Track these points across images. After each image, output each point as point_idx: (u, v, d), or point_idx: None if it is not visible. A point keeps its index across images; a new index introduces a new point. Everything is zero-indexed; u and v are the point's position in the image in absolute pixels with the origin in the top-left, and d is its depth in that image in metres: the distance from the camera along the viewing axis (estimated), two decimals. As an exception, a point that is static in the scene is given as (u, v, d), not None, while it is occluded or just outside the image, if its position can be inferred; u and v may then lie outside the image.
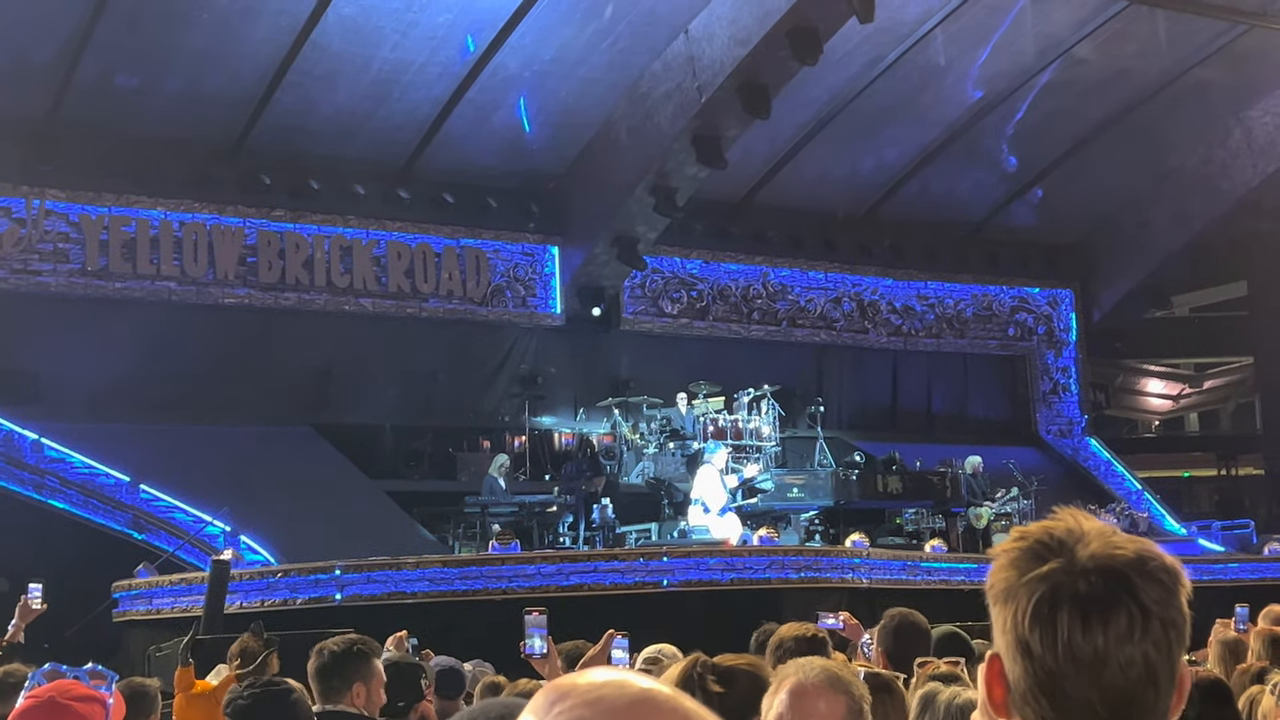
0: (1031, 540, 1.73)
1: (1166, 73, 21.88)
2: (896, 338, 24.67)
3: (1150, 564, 1.69)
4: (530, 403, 20.22)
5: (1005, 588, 1.72)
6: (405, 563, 13.47)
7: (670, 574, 13.73)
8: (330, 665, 5.01)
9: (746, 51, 17.54)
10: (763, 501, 18.29)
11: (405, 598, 13.12)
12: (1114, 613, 1.66)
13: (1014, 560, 1.73)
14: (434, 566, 13.47)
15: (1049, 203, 24.56)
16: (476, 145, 20.14)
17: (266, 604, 13.10)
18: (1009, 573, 1.72)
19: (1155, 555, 1.71)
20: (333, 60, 18.38)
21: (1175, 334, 28.87)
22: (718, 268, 23.12)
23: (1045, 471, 23.83)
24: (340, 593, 13.17)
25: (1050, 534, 1.73)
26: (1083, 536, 1.71)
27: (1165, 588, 1.69)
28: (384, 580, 13.18)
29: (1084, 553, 1.69)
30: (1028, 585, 1.69)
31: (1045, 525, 1.75)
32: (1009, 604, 1.71)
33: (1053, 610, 1.67)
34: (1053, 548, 1.71)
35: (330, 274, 19.88)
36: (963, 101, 22.00)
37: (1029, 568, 1.71)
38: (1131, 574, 1.68)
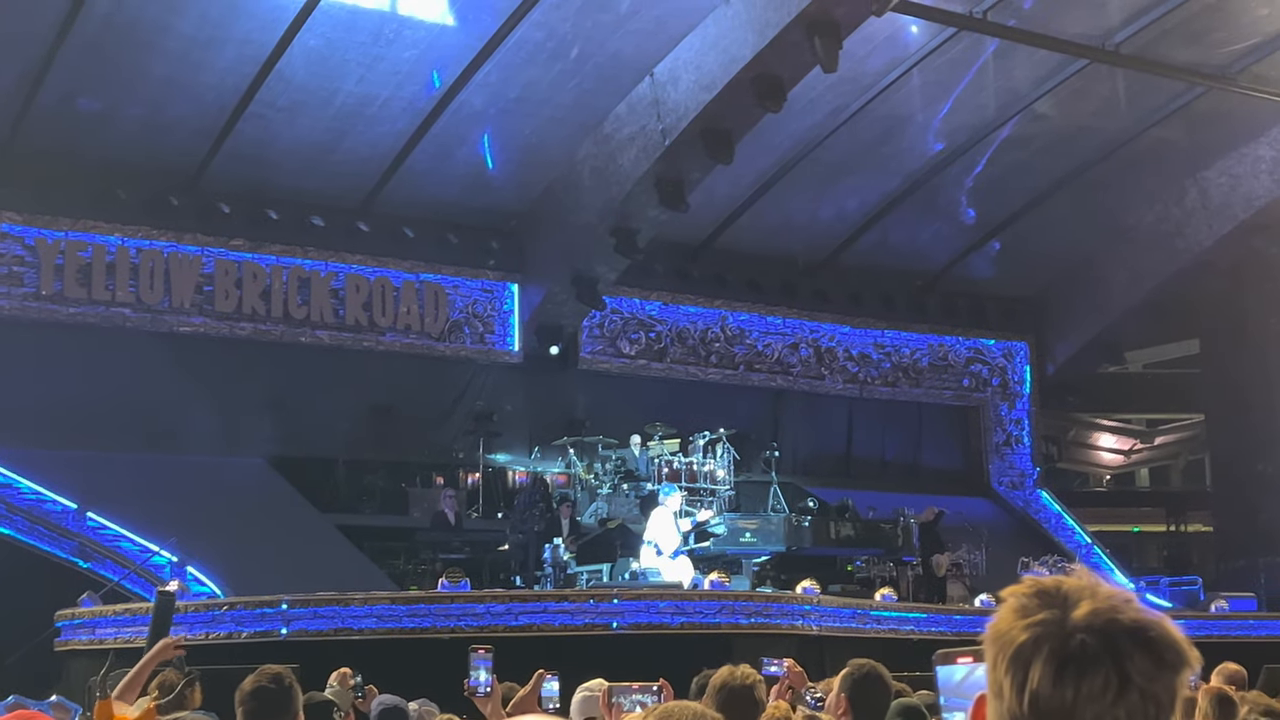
0: (1037, 589, 1.72)
1: (1125, 131, 22.14)
2: (852, 385, 24.76)
3: (1149, 634, 1.66)
4: (485, 440, 20.14)
5: (998, 631, 1.72)
6: (353, 599, 13.34)
7: (620, 616, 13.65)
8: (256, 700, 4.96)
9: (711, 96, 17.63)
10: (715, 545, 18.27)
11: (352, 634, 12.99)
12: (1090, 672, 1.64)
13: (1016, 607, 1.72)
14: (382, 603, 13.36)
15: (1006, 255, 24.76)
16: (438, 180, 20.14)
17: (211, 637, 12.94)
18: (1008, 617, 1.72)
19: (1159, 627, 1.67)
20: (297, 92, 18.35)
21: (1128, 389, 29.10)
22: (677, 310, 23.17)
23: (997, 522, 23.96)
24: (286, 627, 13.02)
25: (1059, 586, 1.71)
26: (1090, 595, 1.69)
27: (1160, 662, 1.65)
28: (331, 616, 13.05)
29: (1082, 610, 1.67)
30: (1016, 630, 1.69)
31: (1058, 578, 1.73)
32: (995, 647, 1.71)
33: (1030, 657, 1.66)
34: (1054, 599, 1.70)
35: (287, 305, 19.79)
36: (924, 153, 22.19)
37: (1026, 615, 1.70)
38: (1123, 640, 1.65)
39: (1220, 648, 14.19)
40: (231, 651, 12.19)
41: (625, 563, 17.47)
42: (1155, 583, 22.43)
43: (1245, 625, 18.69)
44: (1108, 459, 30.75)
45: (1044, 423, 26.60)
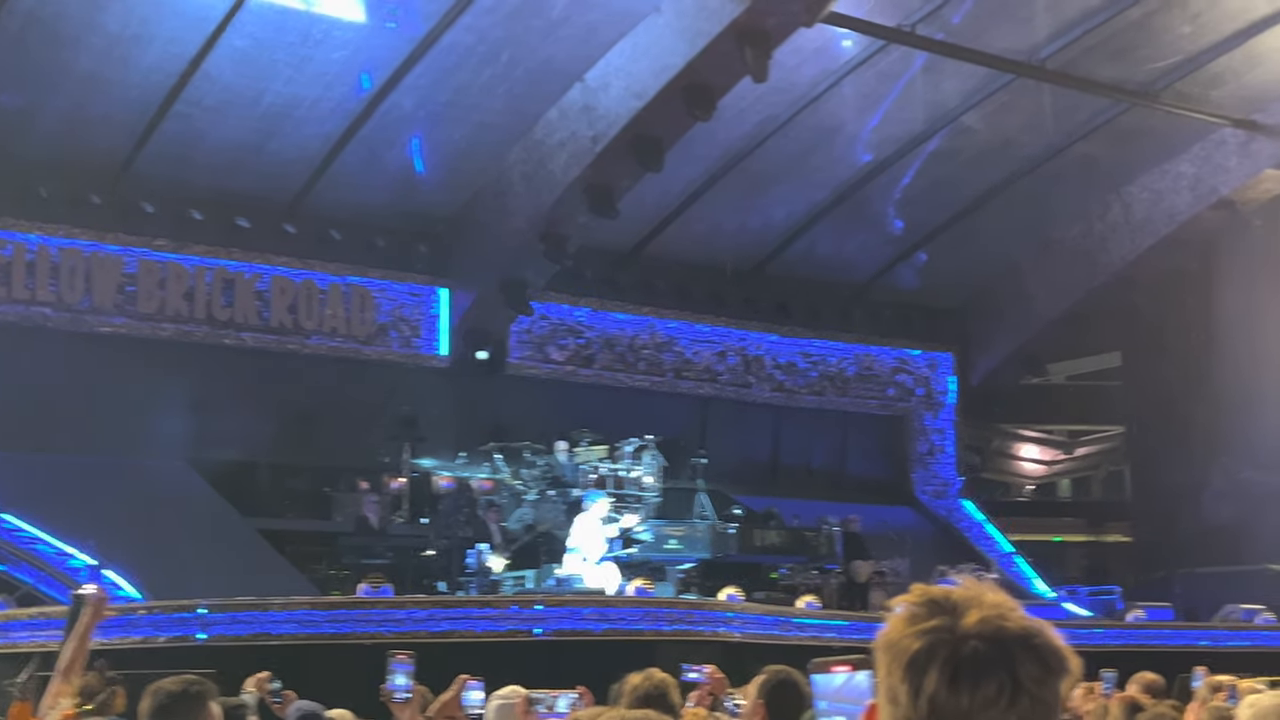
0: (928, 598, 1.77)
1: (1050, 146, 22.42)
2: (779, 394, 24.87)
3: (1035, 640, 1.71)
4: (410, 444, 20.02)
5: (892, 639, 1.76)
6: (272, 603, 13.21)
7: (544, 623, 13.62)
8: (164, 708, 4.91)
9: (642, 104, 17.68)
10: (640, 552, 18.27)
11: (271, 639, 12.85)
12: (984, 679, 1.68)
13: (909, 615, 1.76)
14: (302, 608, 13.23)
15: (932, 267, 25.00)
16: (367, 183, 20.02)
17: (127, 641, 12.76)
18: (901, 625, 1.76)
19: (1043, 634, 1.73)
20: (223, 91, 18.17)
21: (1050, 401, 29.43)
22: (606, 317, 23.17)
23: (920, 531, 24.17)
24: (204, 632, 12.87)
25: (949, 595, 1.76)
26: (977, 604, 1.74)
27: (1046, 668, 1.71)
28: (250, 621, 12.90)
29: (973, 618, 1.72)
30: (910, 638, 1.73)
31: (947, 588, 1.79)
32: (889, 653, 1.75)
33: (926, 664, 1.70)
34: (945, 608, 1.74)
35: (211, 307, 19.58)
36: (852, 164, 22.35)
37: (919, 623, 1.74)
38: (1014, 647, 1.70)
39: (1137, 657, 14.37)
40: (148, 656, 12.03)
41: (550, 569, 17.44)
42: (1075, 592, 22.70)
43: (1161, 635, 18.93)
44: (1030, 469, 31.09)
45: (967, 433, 26.86)
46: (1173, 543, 24.51)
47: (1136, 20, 19.63)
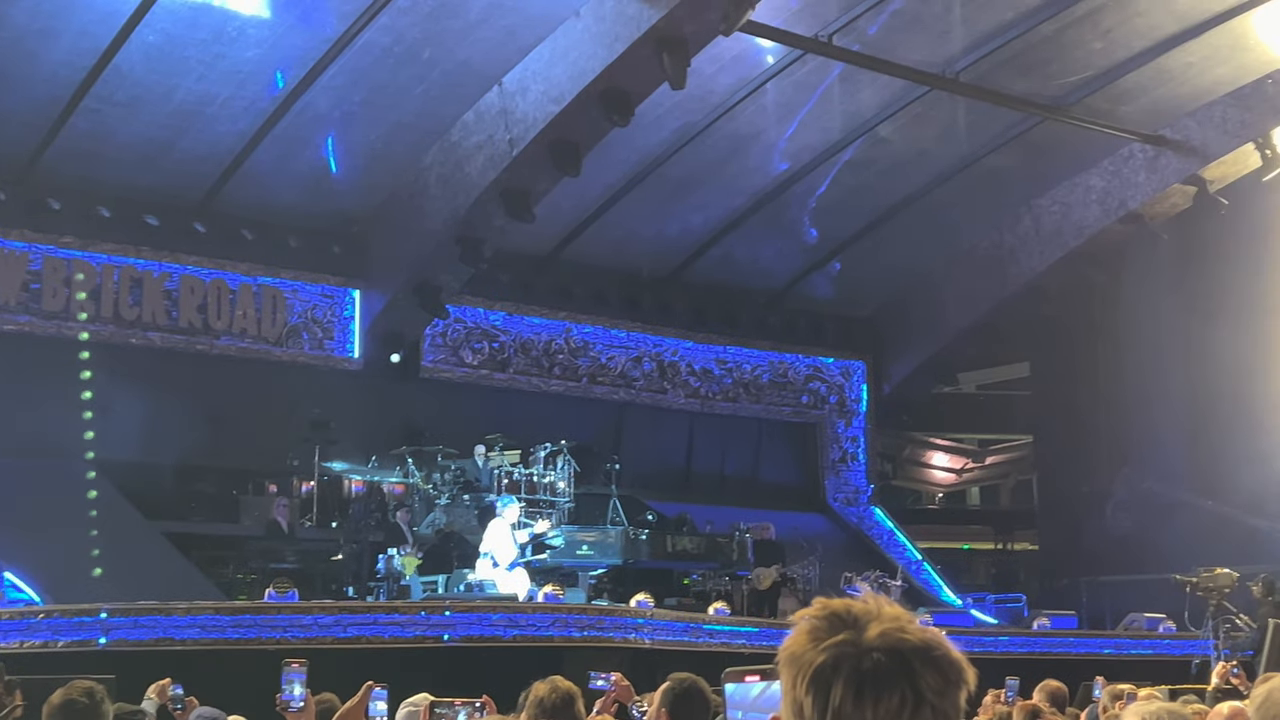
0: (829, 612, 1.80)
1: (963, 157, 22.68)
2: (694, 400, 24.94)
3: (934, 653, 1.75)
4: (321, 448, 19.81)
5: (794, 653, 1.78)
6: (176, 608, 12.99)
7: (452, 628, 13.53)
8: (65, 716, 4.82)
9: (559, 109, 17.64)
10: (552, 558, 18.22)
11: (174, 644, 12.65)
12: (887, 692, 1.71)
13: (809, 629, 1.79)
14: (206, 613, 13.03)
15: (847, 276, 25.20)
16: (280, 183, 19.80)
17: (26, 645, 12.50)
18: (801, 640, 1.79)
19: (941, 646, 1.77)
20: (134, 87, 17.89)
21: (961, 410, 29.79)
22: (521, 321, 23.10)
23: (832, 538, 24.33)
24: (105, 636, 12.64)
25: (849, 609, 1.79)
26: (878, 617, 1.77)
27: (945, 679, 1.74)
28: (152, 625, 12.68)
29: (873, 631, 1.75)
30: (814, 653, 1.75)
31: (847, 601, 1.81)
32: (792, 668, 1.77)
33: (830, 679, 1.73)
34: (847, 622, 1.77)
35: (119, 305, 19.26)
36: (769, 172, 22.46)
37: (820, 638, 1.76)
38: (914, 659, 1.73)
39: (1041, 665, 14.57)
40: (48, 661, 11.80)
41: (461, 574, 17.34)
42: (981, 600, 22.96)
43: (1066, 643, 19.20)
44: (940, 477, 31.43)
45: (879, 441, 27.09)
46: (1078, 552, 24.87)
47: (1049, 35, 19.91)
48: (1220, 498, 23.14)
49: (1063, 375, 26.28)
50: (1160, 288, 24.27)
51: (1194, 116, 21.94)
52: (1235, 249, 23.16)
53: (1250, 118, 21.51)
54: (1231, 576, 16.87)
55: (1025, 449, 29.74)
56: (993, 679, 10.41)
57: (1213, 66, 20.93)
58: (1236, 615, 16.89)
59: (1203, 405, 23.83)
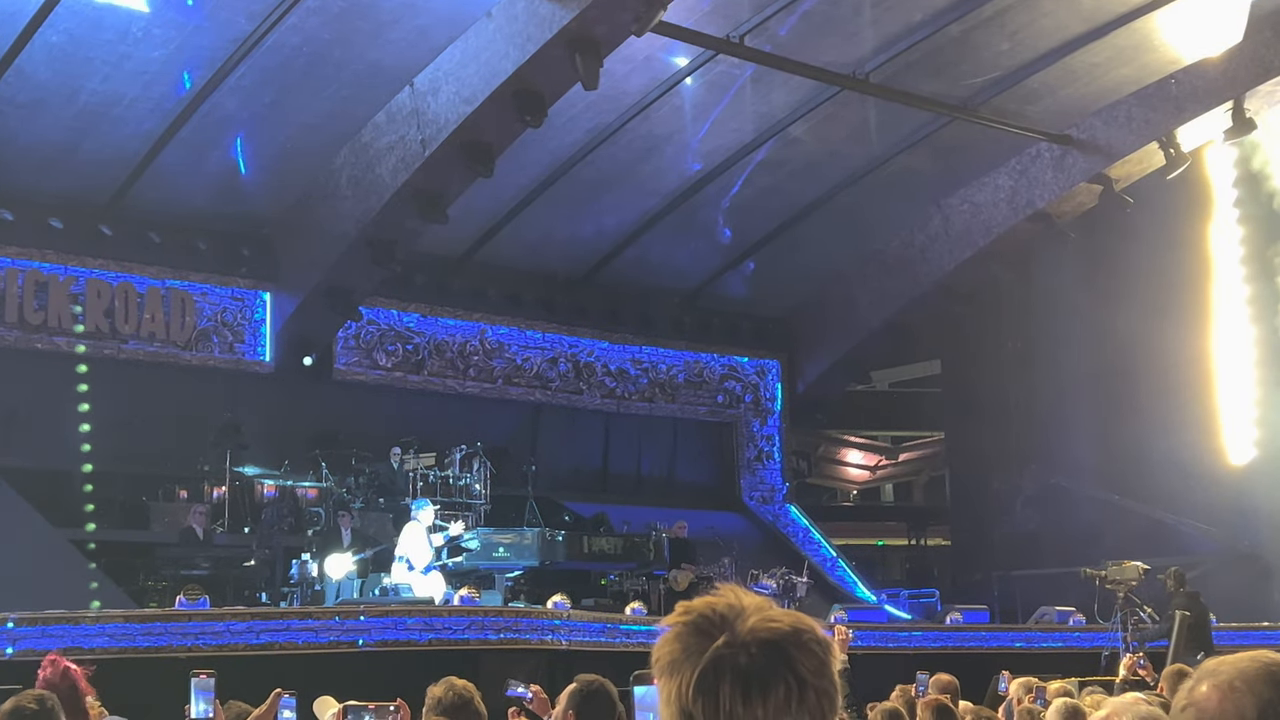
0: (695, 615, 1.80)
1: (875, 157, 22.87)
2: (610, 400, 24.95)
3: (804, 636, 1.77)
4: (233, 452, 19.59)
5: (670, 661, 1.78)
6: (84, 616, 12.80)
7: (367, 633, 13.44)
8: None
9: (471, 109, 17.56)
10: (469, 560, 18.15)
11: (83, 653, 12.43)
12: (773, 685, 1.73)
13: (679, 634, 1.79)
14: (115, 621, 12.84)
15: (760, 275, 25.33)
16: (188, 185, 19.54)
17: (-71, 658, 12.25)
18: (674, 646, 1.78)
19: (809, 628, 1.79)
20: (37, 89, 17.57)
21: (874, 407, 30.08)
22: (435, 322, 22.98)
23: (747, 537, 24.44)
24: (12, 646, 12.41)
25: (713, 609, 1.79)
26: (743, 611, 1.78)
27: (819, 659, 1.76)
28: (60, 634, 12.46)
29: (744, 627, 1.76)
30: (691, 659, 1.75)
31: (708, 600, 1.82)
32: (674, 677, 1.76)
33: (715, 682, 1.73)
34: (715, 622, 1.78)
35: (23, 310, 18.91)
36: (682, 172, 22.53)
37: (693, 642, 1.77)
38: (788, 646, 1.75)
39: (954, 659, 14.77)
40: (-49, 673, 11.55)
41: (377, 578, 17.23)
42: (896, 595, 23.18)
43: (978, 636, 19.45)
44: (854, 475, 31.70)
45: (794, 439, 27.26)
46: (989, 546, 25.19)
47: (957, 36, 20.13)
48: (1128, 493, 23.54)
49: (973, 372, 26.61)
50: (1068, 286, 24.63)
51: (1100, 116, 22.29)
52: (1141, 247, 23.56)
53: (1155, 117, 21.88)
54: (1139, 569, 17.17)
55: (937, 446, 30.08)
56: (906, 674, 10.55)
57: (1118, 66, 21.27)
58: (1141, 607, 17.19)
59: (1111, 401, 24.22)
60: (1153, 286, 23.75)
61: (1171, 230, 23.77)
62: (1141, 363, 23.82)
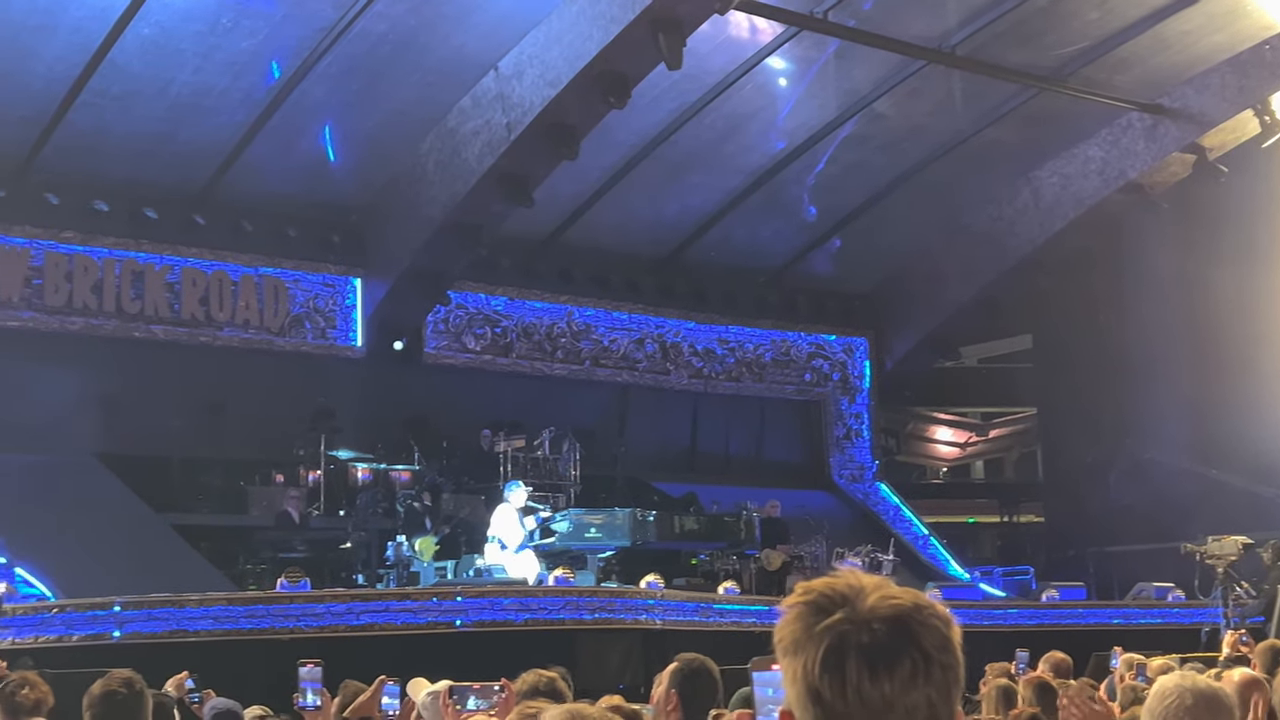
0: (816, 594, 1.82)
1: (961, 131, 22.64)
2: (697, 380, 24.96)
3: (926, 612, 1.79)
4: (327, 436, 19.85)
5: (794, 640, 1.80)
6: (188, 600, 13.06)
7: (464, 614, 13.58)
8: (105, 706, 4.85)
9: (556, 92, 17.61)
10: (560, 541, 18.26)
11: (188, 636, 12.71)
12: (898, 660, 1.75)
13: (800, 614, 1.81)
14: (219, 604, 13.09)
15: (846, 253, 25.18)
16: (278, 173, 19.78)
17: (40, 640, 12.56)
18: (796, 626, 1.80)
19: (930, 604, 1.81)
20: (130, 81, 17.87)
21: (963, 384, 29.80)
22: (522, 305, 23.09)
23: (837, 515, 24.37)
24: (119, 630, 12.69)
25: (833, 588, 1.81)
26: (862, 590, 1.80)
27: (942, 634, 1.78)
28: (166, 618, 12.74)
29: (865, 604, 1.78)
30: (815, 637, 1.77)
31: (827, 580, 1.84)
32: (798, 656, 1.79)
33: (840, 659, 1.75)
34: (836, 601, 1.79)
35: (120, 299, 19.27)
36: (766, 151, 22.44)
37: (815, 620, 1.79)
38: (911, 623, 1.77)
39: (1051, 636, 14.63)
40: (62, 655, 11.85)
41: (471, 559, 17.38)
42: (989, 573, 23.01)
43: (1074, 614, 19.26)
44: (944, 452, 31.45)
45: (883, 417, 27.11)
46: (1084, 522, 24.91)
47: (1044, 6, 19.86)
48: (1224, 466, 23.18)
49: (1065, 347, 26.29)
50: (1161, 257, 24.26)
51: (1191, 84, 21.91)
52: (1236, 217, 23.15)
53: (1248, 84, 21.47)
54: (1239, 544, 16.91)
55: (1029, 421, 29.77)
56: (1002, 651, 10.47)
57: (1209, 34, 20.89)
58: (1239, 583, 16.94)
59: (1206, 374, 23.84)
60: (1248, 258, 23.33)
61: (1268, 200, 23.31)
62: (1237, 334, 23.42)
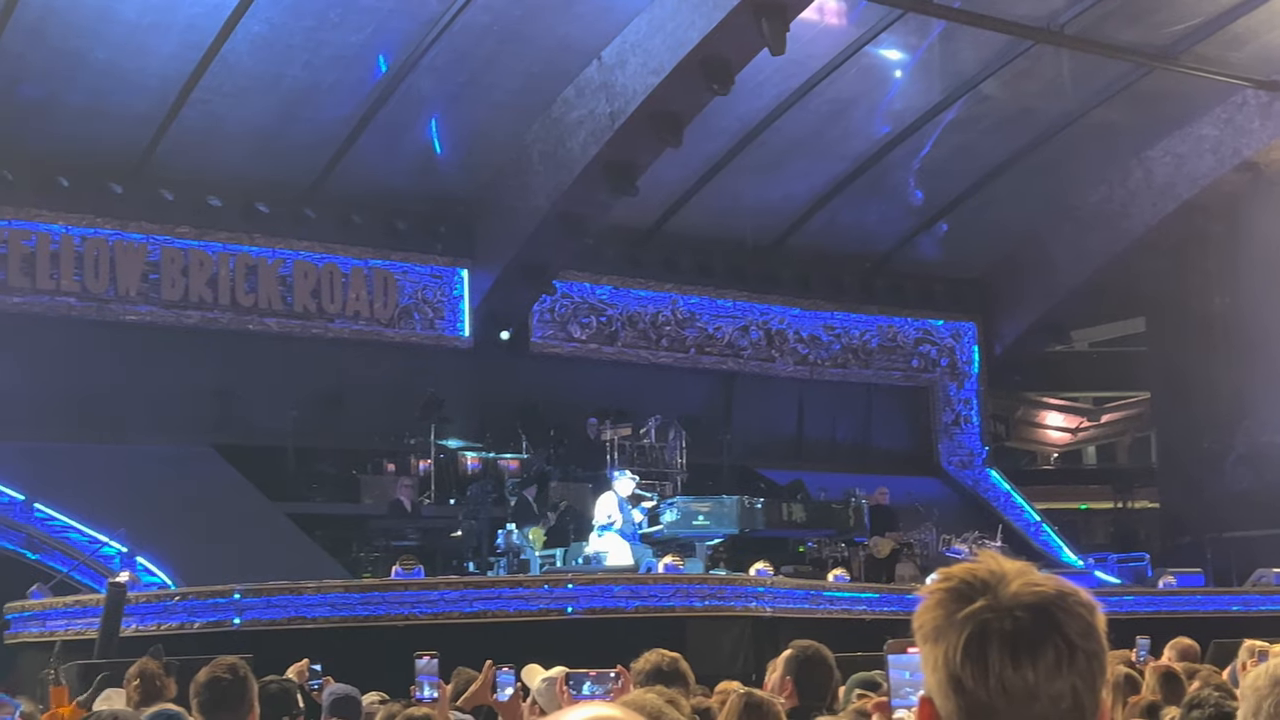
0: (956, 581, 1.79)
1: (1070, 112, 22.29)
2: (803, 367, 24.85)
3: (1070, 599, 1.76)
4: (437, 426, 20.07)
5: (934, 627, 1.78)
6: (306, 587, 13.28)
7: (575, 601, 13.66)
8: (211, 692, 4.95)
9: (659, 80, 17.63)
10: (668, 529, 18.28)
11: (305, 623, 12.93)
12: (1042, 648, 1.73)
13: (940, 601, 1.79)
14: (335, 591, 13.30)
15: (953, 237, 24.91)
16: (386, 166, 20.02)
17: (163, 628, 12.85)
18: (937, 613, 1.78)
19: (1074, 591, 1.78)
20: (241, 77, 18.18)
21: (1074, 368, 29.37)
22: (627, 294, 23.15)
23: (946, 502, 24.13)
24: (239, 617, 12.95)
25: (974, 574, 1.79)
26: (1004, 576, 1.77)
27: (1086, 622, 1.75)
28: (284, 605, 12.98)
29: (1007, 591, 1.76)
30: (956, 625, 1.75)
31: (968, 566, 1.81)
32: (939, 643, 1.76)
33: (983, 647, 1.73)
34: (977, 587, 1.77)
35: (235, 293, 19.64)
36: (871, 135, 22.26)
37: (956, 608, 1.76)
38: (1055, 610, 1.74)
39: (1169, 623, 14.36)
40: (184, 642, 12.11)
41: (579, 547, 17.47)
42: (1103, 559, 22.67)
43: (1193, 601, 18.91)
44: (1055, 437, 31.05)
45: (992, 402, 26.80)
46: (1200, 508, 24.43)
47: (1155, -17, 19.51)
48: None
49: (1179, 329, 25.78)
50: (1276, 236, 23.69)
51: (1309, 59, 21.37)
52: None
53: (1368, 58, 20.91)
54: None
55: (1142, 406, 29.27)
56: (1120, 639, 10.31)
57: (1327, 7, 20.36)
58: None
59: (1325, 355, 23.27)
60: (1370, 234, 22.72)
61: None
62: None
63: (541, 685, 6.16)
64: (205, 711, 4.90)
